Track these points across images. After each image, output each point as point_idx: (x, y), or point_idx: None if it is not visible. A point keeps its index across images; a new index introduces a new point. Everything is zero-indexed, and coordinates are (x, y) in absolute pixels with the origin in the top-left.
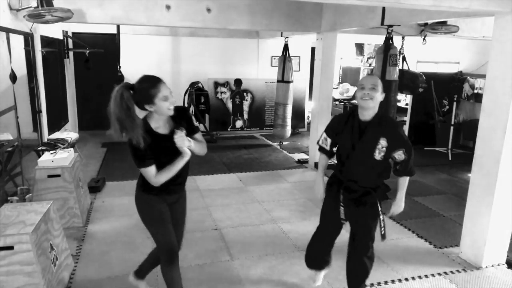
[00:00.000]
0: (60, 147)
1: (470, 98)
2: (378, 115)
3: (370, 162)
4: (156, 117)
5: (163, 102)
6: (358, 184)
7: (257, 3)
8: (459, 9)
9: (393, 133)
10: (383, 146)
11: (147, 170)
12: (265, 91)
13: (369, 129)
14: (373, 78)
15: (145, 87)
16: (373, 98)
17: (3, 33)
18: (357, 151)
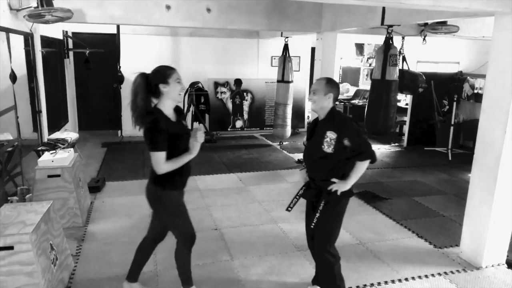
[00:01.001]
0: (60, 147)
1: (470, 98)
2: (330, 114)
3: (319, 154)
4: (167, 105)
5: (176, 84)
6: (315, 182)
7: (257, 3)
8: (459, 9)
9: (341, 125)
10: (331, 139)
11: (159, 155)
12: (265, 91)
13: (319, 125)
14: (318, 82)
15: (162, 68)
16: (315, 102)
17: (3, 33)
18: (308, 146)
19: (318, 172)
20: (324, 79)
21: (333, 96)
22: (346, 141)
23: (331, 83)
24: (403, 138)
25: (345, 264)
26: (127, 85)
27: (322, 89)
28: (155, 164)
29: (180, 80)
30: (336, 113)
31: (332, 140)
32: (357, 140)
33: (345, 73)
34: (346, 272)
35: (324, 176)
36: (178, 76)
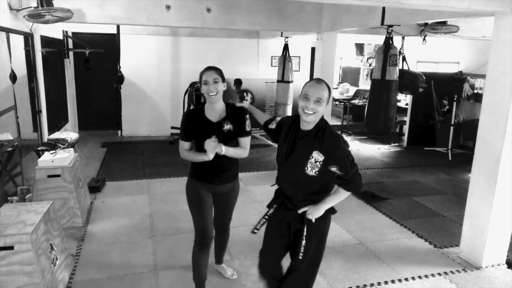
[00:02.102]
0: (60, 147)
1: (470, 98)
2: (318, 126)
3: (301, 176)
4: (208, 104)
5: (203, 85)
6: (292, 203)
7: (257, 3)
8: (459, 9)
9: (330, 148)
10: (317, 161)
11: (180, 142)
12: (265, 91)
13: (304, 141)
14: (321, 88)
15: (200, 72)
16: (316, 113)
17: (3, 33)
18: (288, 163)
19: (298, 193)
20: (324, 83)
21: None
22: (335, 169)
23: (330, 89)
24: (403, 138)
25: (345, 264)
26: (127, 85)
27: (326, 98)
28: (180, 149)
29: (207, 81)
30: (324, 128)
31: (318, 162)
32: (349, 170)
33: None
34: (346, 272)
35: (305, 198)
36: (205, 77)
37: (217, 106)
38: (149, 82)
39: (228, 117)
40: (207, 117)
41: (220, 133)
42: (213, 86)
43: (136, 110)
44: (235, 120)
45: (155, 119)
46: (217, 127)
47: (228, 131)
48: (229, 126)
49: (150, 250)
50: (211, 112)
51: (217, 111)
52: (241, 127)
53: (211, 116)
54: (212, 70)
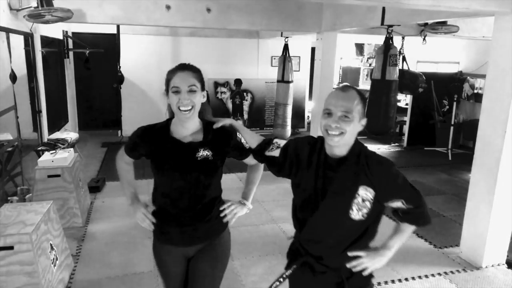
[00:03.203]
0: (60, 147)
1: (470, 98)
2: (355, 150)
3: (342, 223)
4: (176, 118)
5: (172, 93)
6: (322, 263)
7: (257, 3)
8: (459, 9)
9: (382, 177)
10: (365, 199)
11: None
12: (265, 91)
13: (342, 173)
14: (348, 97)
15: (167, 73)
16: (345, 133)
17: (3, 33)
18: (322, 208)
19: (333, 247)
20: (353, 90)
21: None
22: (397, 203)
23: (363, 97)
24: (403, 138)
25: None
26: (127, 85)
27: (359, 111)
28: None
29: (179, 88)
30: (364, 151)
31: (366, 201)
32: (418, 200)
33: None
34: None
35: (341, 251)
36: (176, 81)
37: (190, 125)
38: (149, 82)
39: (208, 141)
40: (172, 136)
41: (192, 162)
42: (188, 97)
43: (136, 110)
44: (217, 146)
45: (155, 119)
46: (188, 151)
47: (204, 160)
48: (206, 153)
49: (150, 250)
50: (180, 130)
51: (189, 131)
52: (238, 150)
53: (178, 136)
54: (187, 71)
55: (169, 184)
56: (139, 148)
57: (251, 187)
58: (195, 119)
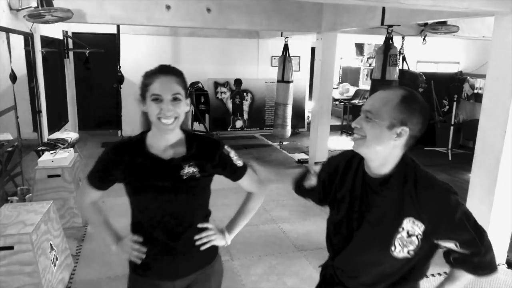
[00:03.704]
0: (60, 147)
1: (470, 98)
2: (403, 168)
3: (384, 261)
4: (154, 130)
5: (152, 102)
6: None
7: (257, 3)
8: (459, 9)
9: (434, 206)
10: (412, 234)
11: (86, 188)
12: (265, 91)
13: (382, 197)
14: (383, 95)
15: (143, 75)
16: (365, 137)
17: (3, 33)
18: (357, 238)
19: (371, 285)
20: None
21: (409, 134)
22: (450, 244)
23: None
24: None
25: None
26: (127, 85)
27: (390, 112)
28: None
29: (160, 97)
30: (414, 170)
31: (413, 236)
32: (480, 245)
33: (345, 73)
34: None
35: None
36: (157, 87)
37: (172, 137)
38: None
39: (192, 155)
40: (150, 152)
41: (177, 181)
42: (171, 107)
43: (136, 110)
44: (203, 160)
45: None
46: (170, 169)
47: (191, 179)
48: (192, 170)
49: None
50: (159, 143)
51: (169, 143)
52: (229, 167)
53: (157, 151)
54: (170, 75)
55: (151, 210)
56: (112, 172)
57: (241, 220)
58: (176, 130)
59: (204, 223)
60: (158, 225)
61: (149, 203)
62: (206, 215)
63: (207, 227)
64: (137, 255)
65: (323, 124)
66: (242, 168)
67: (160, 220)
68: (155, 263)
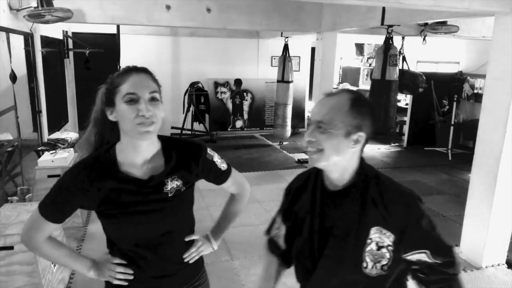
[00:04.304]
0: (60, 147)
1: (470, 98)
2: (362, 176)
3: (358, 282)
4: (126, 142)
5: (125, 105)
6: None
7: (257, 3)
8: (459, 9)
9: (401, 214)
10: (382, 245)
11: (39, 221)
12: (265, 91)
13: (343, 209)
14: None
15: (110, 78)
16: (324, 150)
17: (3, 33)
18: (324, 258)
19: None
20: (347, 95)
21: (365, 136)
22: (420, 256)
23: (360, 105)
24: (403, 138)
25: None
26: None
27: (344, 120)
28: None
29: (136, 95)
30: (376, 177)
31: (383, 248)
32: (445, 251)
33: (345, 73)
34: None
35: None
36: (131, 85)
37: (149, 149)
38: None
39: (173, 167)
40: (124, 171)
41: (162, 201)
42: (151, 108)
43: None
44: (185, 169)
45: None
46: (152, 189)
47: (177, 194)
48: (176, 184)
49: None
50: (134, 159)
51: (146, 157)
52: (212, 172)
53: (133, 168)
54: (144, 73)
55: (134, 236)
56: (76, 201)
57: (225, 224)
58: (154, 138)
59: (190, 235)
60: (143, 248)
61: (131, 230)
62: (192, 225)
63: (194, 239)
64: (123, 277)
65: None
66: (226, 172)
67: (145, 242)
68: (140, 285)
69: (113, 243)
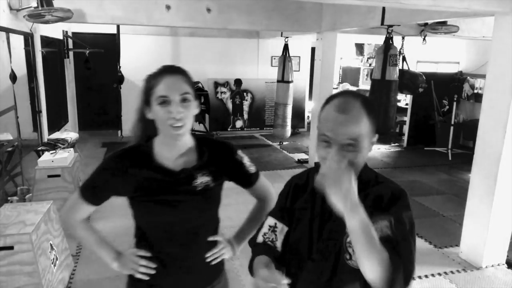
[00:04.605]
0: (60, 147)
1: (470, 98)
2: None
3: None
4: (161, 138)
5: (158, 107)
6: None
7: (257, 3)
8: (459, 9)
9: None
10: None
11: (78, 201)
12: (265, 91)
13: None
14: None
15: (146, 79)
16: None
17: (3, 33)
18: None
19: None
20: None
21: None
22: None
23: (371, 108)
24: (403, 138)
25: None
26: (127, 85)
27: (367, 130)
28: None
29: (168, 98)
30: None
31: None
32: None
33: (345, 73)
34: None
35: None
36: (164, 88)
37: (182, 145)
38: None
39: (205, 163)
40: (158, 162)
41: (190, 193)
42: (181, 109)
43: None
44: (216, 167)
45: None
46: (182, 180)
47: (205, 188)
48: (205, 179)
49: None
50: (169, 152)
51: (180, 152)
52: (241, 174)
53: (167, 161)
54: (177, 74)
55: (161, 226)
56: (113, 186)
57: (250, 230)
58: (187, 136)
59: (214, 235)
60: (168, 241)
61: (159, 219)
62: (217, 225)
63: (217, 240)
64: (144, 271)
65: None
66: (254, 175)
67: (171, 236)
68: (162, 281)
69: (141, 233)
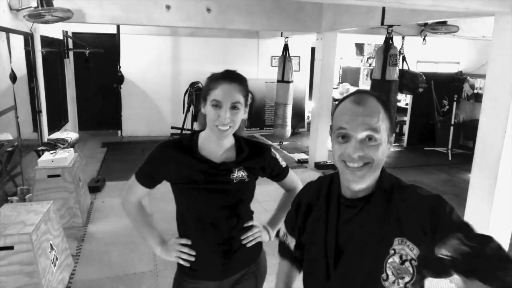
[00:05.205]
0: (60, 147)
1: (470, 98)
2: (385, 184)
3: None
4: (208, 133)
5: (211, 107)
6: None
7: (257, 3)
8: (459, 9)
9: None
10: (405, 259)
11: (134, 184)
12: (265, 91)
13: (362, 218)
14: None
15: (208, 78)
16: (372, 163)
17: (3, 33)
18: (338, 275)
19: None
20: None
21: None
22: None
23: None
24: (403, 138)
25: None
26: (127, 85)
27: (385, 126)
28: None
29: (220, 103)
30: (397, 185)
31: (407, 262)
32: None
33: (345, 73)
34: None
35: None
36: (219, 94)
37: (225, 143)
38: (149, 82)
39: (242, 160)
40: (202, 154)
41: (227, 184)
42: (229, 115)
43: (136, 110)
44: (252, 165)
45: (155, 119)
46: (221, 172)
47: (240, 182)
48: (241, 174)
49: (150, 250)
50: (211, 147)
51: (222, 148)
52: (274, 170)
53: (210, 154)
54: (234, 83)
55: (201, 212)
56: (162, 171)
57: (282, 216)
58: (230, 136)
59: (249, 221)
60: (207, 226)
61: (200, 206)
62: (251, 216)
63: (252, 225)
64: (186, 257)
65: (323, 124)
66: (286, 169)
67: (209, 222)
68: (203, 265)
69: (183, 217)
